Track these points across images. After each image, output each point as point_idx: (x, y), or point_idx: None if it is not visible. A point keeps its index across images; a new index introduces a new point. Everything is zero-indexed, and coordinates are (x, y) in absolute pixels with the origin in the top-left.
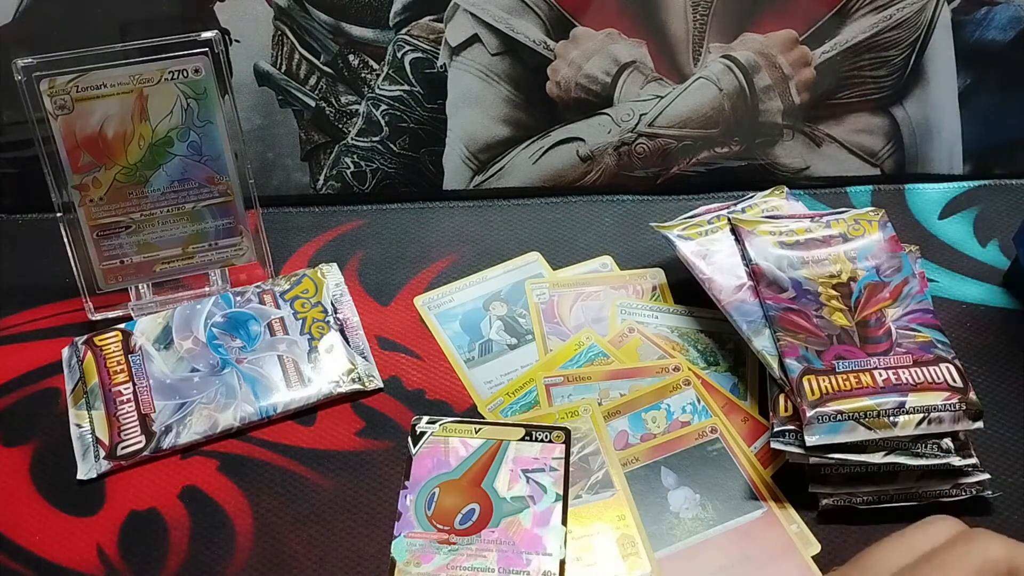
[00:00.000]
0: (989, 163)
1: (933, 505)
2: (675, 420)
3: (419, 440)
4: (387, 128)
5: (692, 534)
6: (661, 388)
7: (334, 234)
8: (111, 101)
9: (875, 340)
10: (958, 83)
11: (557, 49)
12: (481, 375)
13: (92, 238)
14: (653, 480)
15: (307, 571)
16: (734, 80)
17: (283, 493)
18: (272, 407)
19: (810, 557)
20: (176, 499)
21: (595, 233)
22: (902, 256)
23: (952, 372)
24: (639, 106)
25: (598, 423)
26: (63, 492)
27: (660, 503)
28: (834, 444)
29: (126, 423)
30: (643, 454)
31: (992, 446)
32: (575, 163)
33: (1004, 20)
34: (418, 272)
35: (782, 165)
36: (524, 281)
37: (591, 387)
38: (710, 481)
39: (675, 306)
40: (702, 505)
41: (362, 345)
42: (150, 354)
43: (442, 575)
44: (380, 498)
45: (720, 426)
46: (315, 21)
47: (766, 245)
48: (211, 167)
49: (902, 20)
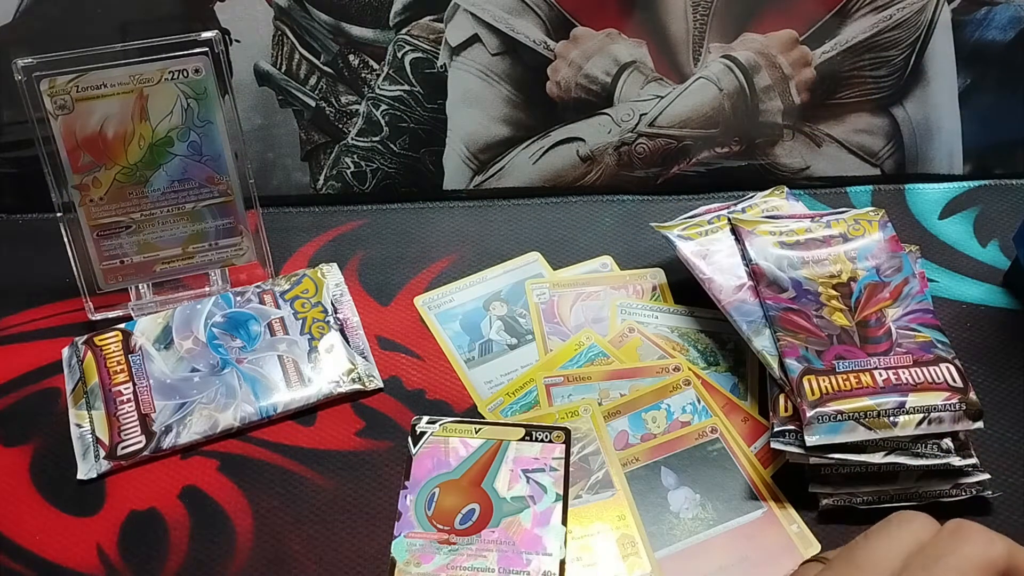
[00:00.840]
0: (989, 163)
1: (933, 505)
2: (675, 420)
3: (419, 440)
4: (387, 128)
5: (692, 534)
6: (661, 388)
7: (334, 234)
8: (111, 101)
9: (875, 340)
10: (958, 83)
11: (557, 49)
12: (481, 375)
13: (92, 238)
14: (653, 480)
15: (307, 571)
16: (734, 80)
17: (283, 493)
18: (272, 407)
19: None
20: (176, 499)
21: (595, 233)
22: (902, 256)
23: (952, 372)
24: (639, 106)
25: (598, 423)
26: (63, 492)
27: (660, 503)
28: (834, 444)
29: (126, 423)
30: (643, 454)
31: (992, 446)
32: (575, 163)
33: (1004, 20)
34: (418, 272)
35: (782, 165)
36: (524, 281)
37: (591, 387)
38: (710, 481)
39: (675, 306)
40: (702, 505)
41: (362, 345)
42: (150, 354)
43: (442, 575)
44: (380, 498)
45: (720, 426)
46: (315, 21)
47: (766, 245)
48: (211, 167)
49: (902, 20)
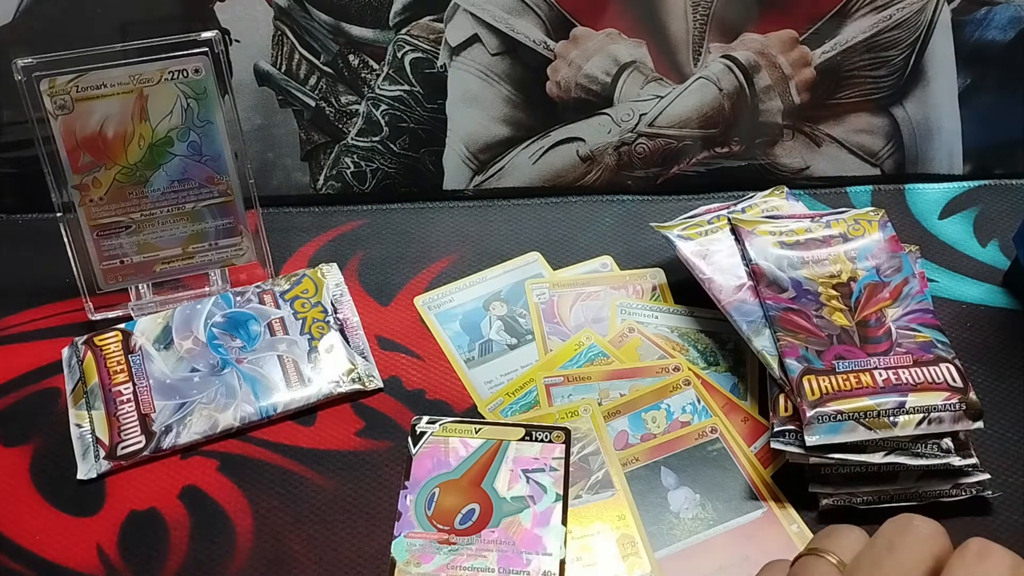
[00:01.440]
0: (989, 163)
1: (933, 505)
2: (675, 420)
3: (419, 440)
4: (387, 128)
5: (692, 534)
6: (661, 388)
7: (334, 234)
8: (111, 101)
9: (875, 340)
10: (958, 83)
11: (557, 49)
12: (481, 375)
13: (92, 238)
14: (653, 480)
15: (307, 571)
16: (734, 80)
17: (283, 493)
18: (272, 407)
19: None
20: (176, 499)
21: (595, 233)
22: (902, 256)
23: (952, 372)
24: (639, 106)
25: (598, 423)
26: (63, 492)
27: (660, 503)
28: (834, 444)
29: (126, 423)
30: (643, 454)
31: (992, 446)
32: (575, 163)
33: (1004, 20)
34: (418, 272)
35: (782, 165)
36: (524, 281)
37: (591, 387)
38: (710, 481)
39: (675, 306)
40: (702, 505)
41: (362, 345)
42: (150, 354)
43: (442, 575)
44: (380, 498)
45: (720, 426)
46: (315, 21)
47: (766, 245)
48: (211, 167)
49: (902, 20)
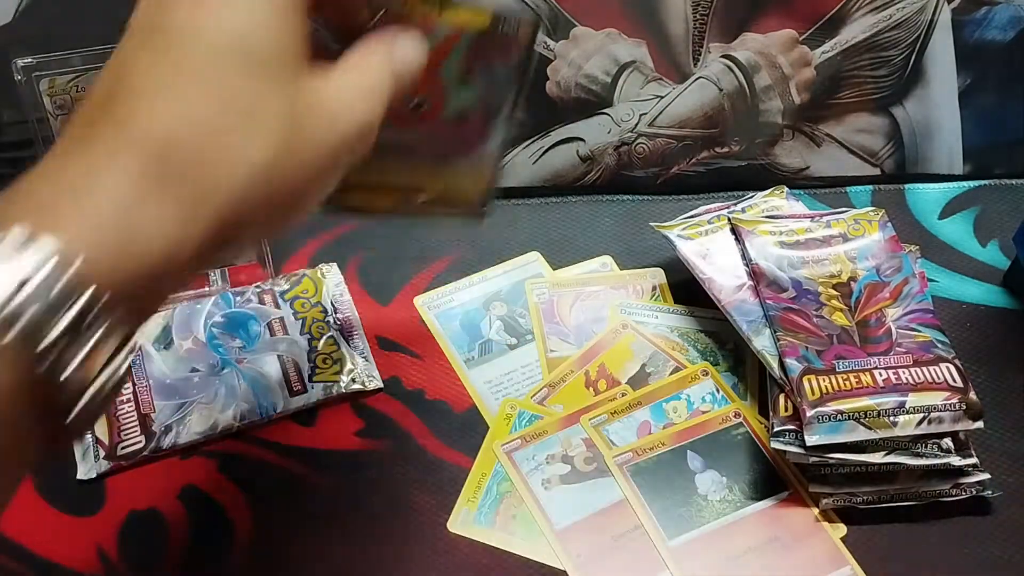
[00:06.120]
0: (989, 163)
1: (933, 505)
2: (695, 410)
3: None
4: None
5: (721, 516)
6: (680, 379)
7: (334, 234)
8: None
9: (875, 340)
10: (958, 83)
11: (557, 49)
12: (481, 375)
13: None
14: (680, 463)
15: (307, 571)
16: (734, 80)
17: (283, 493)
18: (272, 407)
19: (838, 539)
20: (176, 499)
21: (595, 233)
22: (902, 256)
23: (952, 372)
24: (639, 106)
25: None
26: (63, 492)
27: (688, 486)
28: (834, 444)
29: (126, 423)
30: (668, 439)
31: (992, 446)
32: (575, 163)
33: (1004, 20)
34: (418, 272)
35: (782, 165)
36: (524, 281)
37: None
38: (736, 464)
39: (675, 306)
40: (729, 487)
41: (362, 345)
42: (150, 354)
43: None
44: (380, 498)
45: (743, 411)
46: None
47: (766, 245)
48: None
49: (902, 20)
